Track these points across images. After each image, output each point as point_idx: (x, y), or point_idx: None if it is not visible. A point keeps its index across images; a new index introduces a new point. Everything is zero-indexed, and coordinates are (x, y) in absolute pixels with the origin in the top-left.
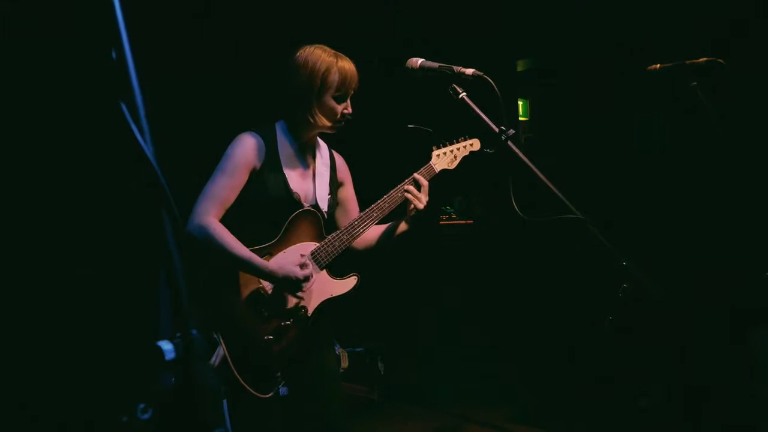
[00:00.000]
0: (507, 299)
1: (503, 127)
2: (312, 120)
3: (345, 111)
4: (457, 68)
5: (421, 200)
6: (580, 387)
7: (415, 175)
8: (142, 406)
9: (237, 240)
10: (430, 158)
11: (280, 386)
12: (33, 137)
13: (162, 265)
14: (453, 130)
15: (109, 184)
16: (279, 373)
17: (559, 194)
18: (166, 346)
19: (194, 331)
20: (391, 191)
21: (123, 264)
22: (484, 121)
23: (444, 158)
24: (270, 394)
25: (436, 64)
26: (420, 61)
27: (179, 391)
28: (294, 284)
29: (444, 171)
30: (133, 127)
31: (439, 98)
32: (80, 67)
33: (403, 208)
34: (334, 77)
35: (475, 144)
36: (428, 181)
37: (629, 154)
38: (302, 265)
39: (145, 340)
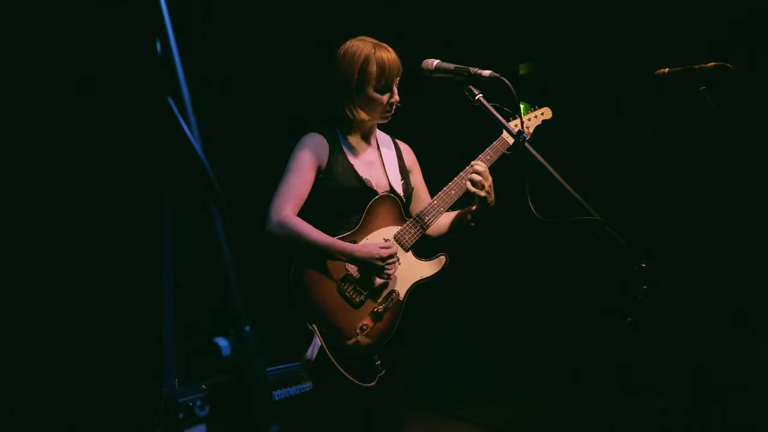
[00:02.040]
0: (511, 300)
1: (521, 129)
2: (354, 114)
3: (391, 100)
4: (473, 70)
5: (482, 187)
6: (583, 389)
7: (473, 162)
8: (199, 403)
9: (315, 228)
10: (500, 132)
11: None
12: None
13: (213, 260)
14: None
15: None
16: (378, 361)
17: (577, 196)
18: (222, 342)
19: (247, 328)
20: (460, 174)
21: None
22: (501, 122)
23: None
24: (373, 383)
25: (452, 66)
26: (436, 62)
27: (233, 388)
28: (377, 263)
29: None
30: (182, 121)
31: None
32: (127, 61)
33: None
34: (373, 68)
35: (546, 113)
36: (500, 156)
37: (633, 157)
38: (384, 245)
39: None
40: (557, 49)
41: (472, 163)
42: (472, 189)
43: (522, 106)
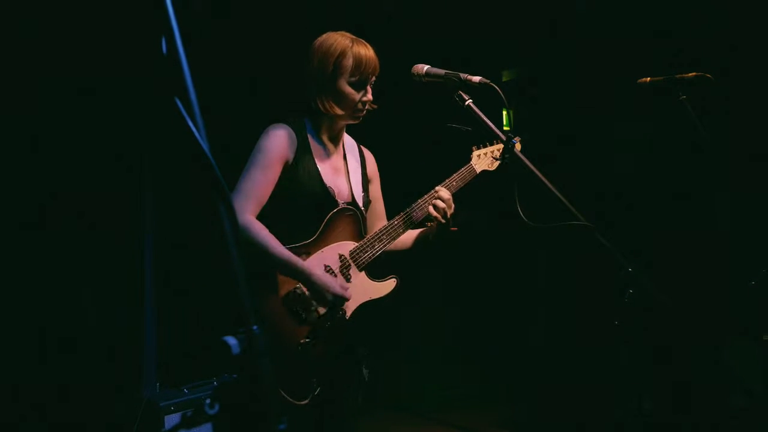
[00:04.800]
0: (495, 305)
1: (510, 134)
2: (327, 107)
3: (364, 98)
4: (463, 75)
5: (444, 214)
6: (569, 392)
7: (438, 188)
8: (208, 401)
9: (276, 240)
10: (470, 159)
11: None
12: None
13: (222, 259)
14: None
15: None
16: (314, 379)
17: (565, 201)
18: (231, 341)
19: (255, 327)
20: (424, 197)
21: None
22: (491, 128)
23: (485, 159)
24: (306, 401)
25: (442, 71)
26: (426, 67)
27: (243, 385)
28: (328, 296)
29: (485, 172)
30: (190, 122)
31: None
32: (133, 61)
33: None
34: (348, 62)
35: (516, 145)
36: (468, 182)
37: (614, 164)
38: (342, 285)
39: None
40: (540, 55)
41: (437, 188)
42: (434, 214)
43: (504, 113)
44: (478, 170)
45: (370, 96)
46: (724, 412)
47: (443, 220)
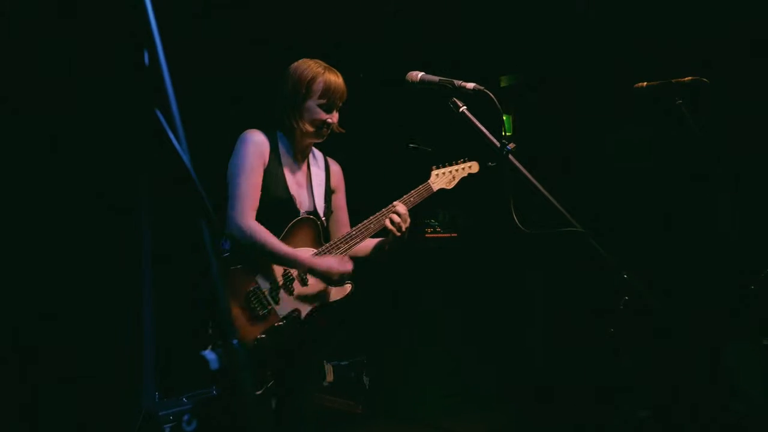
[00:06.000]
0: (494, 313)
1: (504, 141)
2: (295, 124)
3: (329, 120)
4: (458, 82)
5: (399, 228)
6: (566, 400)
7: (395, 203)
8: (186, 417)
9: (277, 239)
10: (429, 176)
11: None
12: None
13: (201, 272)
14: (452, 144)
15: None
16: (268, 372)
17: (560, 207)
18: (210, 356)
19: (235, 341)
20: (382, 210)
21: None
22: (485, 134)
23: (443, 178)
24: (260, 392)
25: (436, 78)
26: (420, 74)
27: (221, 399)
28: (334, 277)
29: (441, 190)
30: (171, 135)
31: (439, 113)
32: (114, 72)
33: None
34: (319, 86)
35: (473, 167)
36: (425, 198)
37: (612, 168)
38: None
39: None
40: (537, 61)
41: (395, 203)
42: (390, 227)
43: (504, 118)
44: (435, 188)
45: (335, 119)
46: (724, 416)
47: (398, 233)
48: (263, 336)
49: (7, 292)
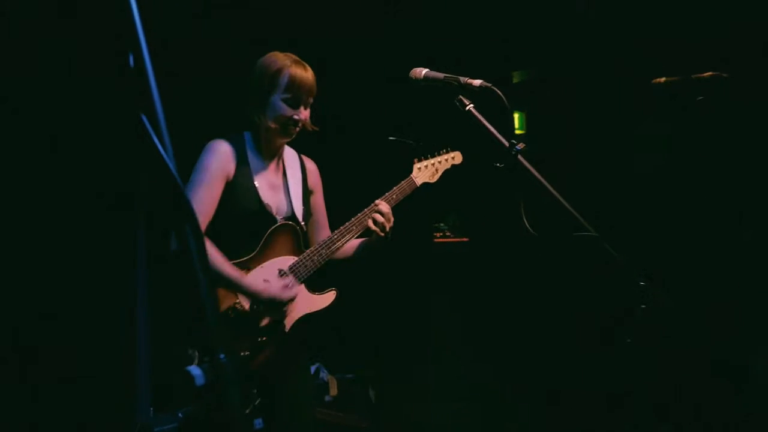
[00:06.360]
0: (507, 323)
1: (513, 141)
2: (260, 121)
3: (295, 116)
4: (463, 79)
5: (383, 228)
6: (576, 406)
7: (377, 201)
8: None
9: (224, 257)
10: (411, 171)
11: (255, 419)
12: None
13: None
14: (459, 141)
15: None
16: (254, 390)
17: (573, 210)
18: (195, 371)
19: (222, 356)
20: (364, 210)
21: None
22: (493, 134)
23: (425, 171)
24: (247, 411)
25: (441, 75)
26: (424, 71)
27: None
28: (278, 306)
29: (425, 184)
30: (156, 140)
31: (438, 113)
32: (99, 75)
33: None
34: (284, 80)
35: (456, 157)
36: (408, 194)
37: (629, 166)
38: (286, 285)
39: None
40: (551, 57)
41: (377, 202)
42: (373, 227)
43: (516, 116)
44: (419, 182)
45: (303, 116)
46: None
47: (382, 234)
48: (247, 353)
49: (7, 292)
